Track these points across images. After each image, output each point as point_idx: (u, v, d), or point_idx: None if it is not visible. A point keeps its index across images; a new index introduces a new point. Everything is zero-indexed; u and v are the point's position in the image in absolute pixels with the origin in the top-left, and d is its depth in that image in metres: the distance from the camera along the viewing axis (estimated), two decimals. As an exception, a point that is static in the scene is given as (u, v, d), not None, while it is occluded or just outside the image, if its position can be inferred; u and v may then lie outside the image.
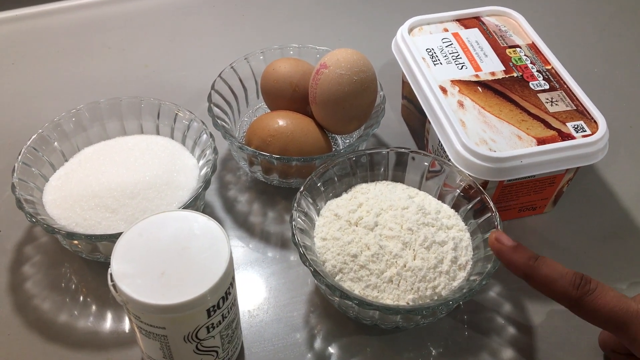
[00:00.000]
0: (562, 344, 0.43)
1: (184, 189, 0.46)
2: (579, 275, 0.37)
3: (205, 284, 0.33)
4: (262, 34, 0.69)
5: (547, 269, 0.37)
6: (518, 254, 0.38)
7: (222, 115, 0.51)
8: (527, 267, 0.37)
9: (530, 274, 0.37)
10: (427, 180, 0.47)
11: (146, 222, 0.36)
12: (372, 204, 0.44)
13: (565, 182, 0.48)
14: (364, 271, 0.40)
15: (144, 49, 0.67)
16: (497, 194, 0.47)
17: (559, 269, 0.37)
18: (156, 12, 0.72)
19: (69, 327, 0.43)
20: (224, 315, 0.35)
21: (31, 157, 0.46)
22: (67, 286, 0.45)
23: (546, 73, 0.51)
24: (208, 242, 0.35)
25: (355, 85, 0.47)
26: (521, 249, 0.38)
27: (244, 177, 0.54)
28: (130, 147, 0.49)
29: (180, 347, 0.35)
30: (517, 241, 0.39)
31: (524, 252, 0.38)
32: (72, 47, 0.67)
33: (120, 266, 0.33)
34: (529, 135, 0.45)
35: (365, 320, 0.42)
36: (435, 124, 0.48)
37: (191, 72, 0.64)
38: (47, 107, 0.59)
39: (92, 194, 0.45)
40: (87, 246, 0.44)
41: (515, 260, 0.38)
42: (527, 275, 0.37)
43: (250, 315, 0.44)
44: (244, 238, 0.49)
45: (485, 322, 0.44)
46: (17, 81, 0.63)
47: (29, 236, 0.48)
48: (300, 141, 0.48)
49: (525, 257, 0.38)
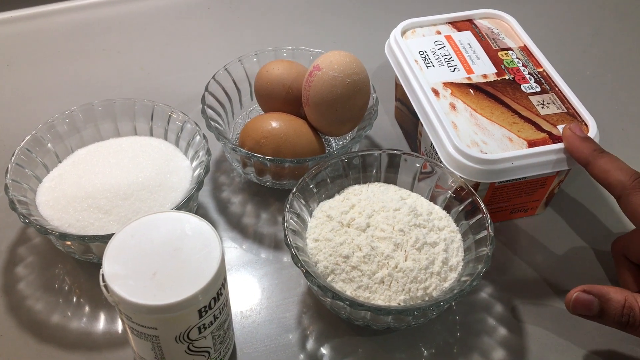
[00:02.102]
0: (553, 345, 0.43)
1: (177, 190, 0.46)
2: (638, 173, 0.40)
3: (197, 284, 0.33)
4: (256, 36, 0.69)
5: (609, 160, 0.41)
6: (586, 144, 0.43)
7: (216, 117, 0.51)
8: (591, 155, 0.42)
9: (592, 162, 0.42)
10: (419, 181, 0.47)
11: (138, 223, 0.36)
12: (364, 205, 0.44)
13: (556, 184, 0.49)
14: (355, 272, 0.41)
15: (139, 51, 0.67)
16: (488, 196, 0.47)
17: (619, 164, 0.41)
18: (151, 14, 0.72)
19: (62, 327, 0.43)
20: (215, 315, 0.36)
21: (24, 159, 0.46)
22: (61, 287, 0.45)
23: (538, 76, 0.51)
24: (200, 243, 0.35)
25: (348, 87, 0.48)
26: (590, 140, 0.43)
27: (238, 178, 0.54)
28: (123, 149, 0.49)
29: (172, 347, 0.35)
30: None
31: (592, 144, 0.43)
32: (67, 49, 0.67)
33: (112, 267, 0.34)
34: (520, 138, 0.46)
35: (357, 321, 0.42)
36: (428, 126, 0.48)
37: (186, 74, 0.64)
38: (41, 109, 0.59)
39: (85, 195, 0.45)
40: (80, 247, 0.44)
41: (582, 147, 0.43)
42: (588, 163, 0.42)
43: (242, 316, 0.44)
44: (237, 239, 0.49)
45: (477, 323, 0.44)
46: (11, 83, 0.63)
47: (22, 237, 0.48)
48: (294, 143, 0.48)
49: (592, 147, 0.42)
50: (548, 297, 0.46)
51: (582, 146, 0.43)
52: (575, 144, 0.43)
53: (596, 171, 0.42)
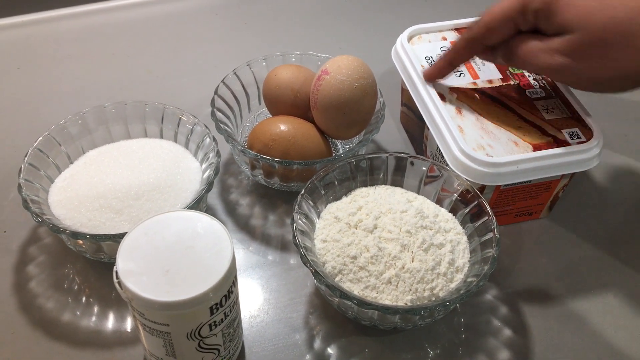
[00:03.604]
0: (557, 346, 0.44)
1: (187, 191, 0.47)
2: None
3: (209, 281, 0.34)
4: (265, 42, 0.70)
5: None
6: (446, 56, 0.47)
7: (225, 120, 0.52)
8: None
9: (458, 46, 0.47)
10: (426, 185, 0.48)
11: (151, 222, 0.36)
12: (372, 207, 0.45)
13: (560, 187, 0.49)
14: (363, 272, 0.41)
15: (148, 56, 0.68)
16: (494, 199, 0.48)
17: None
18: (160, 19, 0.73)
19: (73, 326, 0.44)
20: (226, 313, 0.36)
21: (37, 159, 0.47)
22: (71, 286, 0.46)
23: (542, 81, 0.52)
24: (211, 242, 0.36)
25: (355, 91, 0.49)
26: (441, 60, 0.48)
27: (246, 180, 0.54)
28: (134, 150, 0.50)
29: (183, 344, 0.36)
30: None
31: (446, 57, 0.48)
32: (77, 53, 0.68)
33: (125, 264, 0.34)
34: (525, 142, 0.46)
35: (364, 321, 0.43)
36: (434, 130, 0.49)
37: (194, 78, 0.65)
38: (52, 111, 0.60)
39: (97, 195, 0.46)
40: (91, 246, 0.44)
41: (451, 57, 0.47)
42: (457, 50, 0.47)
43: (251, 315, 0.45)
44: (245, 241, 0.50)
45: (482, 324, 0.45)
46: (23, 85, 0.64)
47: (33, 237, 0.49)
48: (302, 145, 0.49)
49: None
50: (552, 299, 0.46)
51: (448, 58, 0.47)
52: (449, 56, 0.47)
53: None
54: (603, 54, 0.37)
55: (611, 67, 0.37)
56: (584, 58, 0.38)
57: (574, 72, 0.40)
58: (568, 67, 0.39)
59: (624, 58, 0.36)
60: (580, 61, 0.38)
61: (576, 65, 0.38)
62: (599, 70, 0.38)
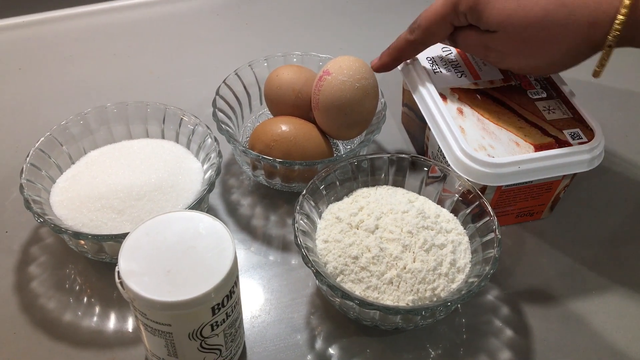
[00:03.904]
0: (558, 346, 0.44)
1: (189, 192, 0.47)
2: None
3: (210, 282, 0.34)
4: (266, 42, 0.70)
5: None
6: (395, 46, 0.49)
7: (226, 120, 0.52)
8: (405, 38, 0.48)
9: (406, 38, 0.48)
10: (427, 185, 0.48)
11: (153, 222, 0.36)
12: (373, 207, 0.45)
13: (562, 188, 0.49)
14: (364, 273, 0.41)
15: (149, 56, 0.68)
16: (495, 199, 0.48)
17: None
18: (162, 20, 0.73)
19: (74, 326, 0.44)
20: (227, 313, 0.36)
21: (39, 159, 0.47)
22: (72, 286, 0.46)
23: (544, 82, 0.52)
24: (213, 242, 0.36)
25: (357, 91, 0.49)
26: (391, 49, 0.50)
27: (247, 181, 0.55)
28: (136, 151, 0.50)
29: (185, 344, 0.36)
30: None
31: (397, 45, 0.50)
32: (78, 53, 0.68)
33: (127, 264, 0.34)
34: (526, 142, 0.46)
35: (365, 322, 0.43)
36: (435, 130, 0.49)
37: (196, 78, 0.65)
38: (53, 112, 0.60)
39: (99, 196, 0.46)
40: (93, 246, 0.44)
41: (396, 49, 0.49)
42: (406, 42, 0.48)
43: (252, 316, 0.45)
44: (246, 241, 0.50)
45: (483, 324, 0.45)
46: (24, 86, 0.64)
47: (34, 237, 0.49)
48: (303, 146, 0.49)
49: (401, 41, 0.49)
50: (553, 300, 0.46)
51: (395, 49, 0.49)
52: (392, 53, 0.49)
53: None
54: (526, 48, 0.41)
55: (536, 58, 0.41)
56: (512, 53, 0.42)
57: (509, 63, 0.45)
58: (502, 59, 0.44)
59: (544, 49, 0.40)
60: (510, 55, 0.42)
61: (508, 58, 0.43)
62: (527, 61, 0.43)
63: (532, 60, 0.43)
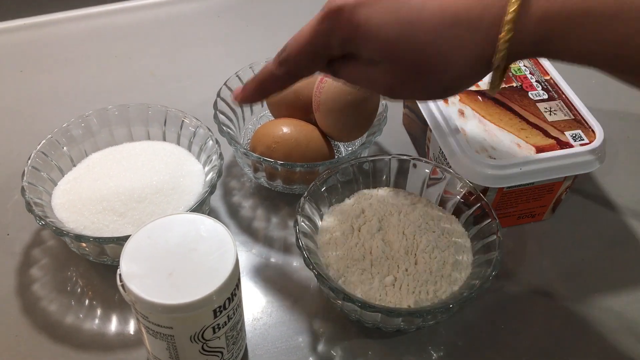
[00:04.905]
0: (561, 347, 0.44)
1: (190, 194, 0.47)
2: None
3: (212, 284, 0.34)
4: (267, 43, 0.70)
5: None
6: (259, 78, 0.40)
7: (228, 122, 0.52)
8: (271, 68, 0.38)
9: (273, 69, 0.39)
10: (429, 187, 0.48)
11: (154, 224, 0.36)
12: (375, 209, 0.45)
13: (563, 189, 0.49)
14: (366, 275, 0.41)
15: (150, 58, 0.68)
16: (496, 201, 0.48)
17: None
18: (162, 21, 0.73)
19: (76, 328, 0.44)
20: (229, 316, 0.36)
21: (40, 162, 0.47)
22: (74, 289, 0.46)
23: (545, 83, 0.52)
24: (215, 244, 0.36)
25: (358, 93, 0.49)
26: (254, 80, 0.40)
27: (248, 183, 0.55)
28: (137, 153, 0.50)
29: (187, 347, 0.36)
30: None
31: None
32: (79, 55, 0.68)
33: (129, 267, 0.34)
34: (528, 144, 0.46)
35: (367, 323, 0.43)
36: (437, 132, 0.49)
37: (197, 80, 0.65)
38: (55, 114, 0.60)
39: (100, 198, 0.46)
40: (94, 249, 0.44)
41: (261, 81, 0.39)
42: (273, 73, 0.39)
43: (254, 318, 0.45)
44: (247, 243, 0.50)
45: (485, 326, 0.45)
46: (25, 88, 0.64)
47: (36, 239, 0.49)
48: (304, 148, 0.49)
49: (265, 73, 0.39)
50: (555, 301, 0.46)
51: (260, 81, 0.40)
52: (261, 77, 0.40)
53: None
54: (416, 76, 0.34)
55: (429, 86, 0.35)
56: (402, 83, 0.35)
57: (401, 95, 0.38)
58: (392, 91, 0.37)
59: (437, 75, 0.34)
60: (400, 86, 0.35)
61: (398, 89, 0.36)
62: (420, 90, 0.36)
63: (426, 89, 0.36)
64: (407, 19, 0.32)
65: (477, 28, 0.31)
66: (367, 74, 0.35)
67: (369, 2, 0.33)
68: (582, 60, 0.31)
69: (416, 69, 0.33)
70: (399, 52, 0.33)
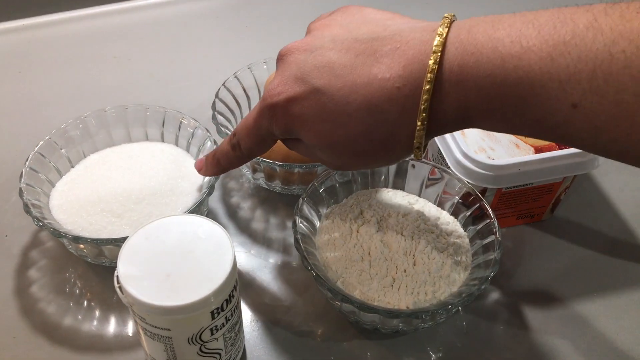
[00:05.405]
0: (560, 348, 0.43)
1: (189, 195, 0.47)
2: None
3: (210, 286, 0.34)
4: (265, 45, 0.70)
5: None
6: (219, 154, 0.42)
7: (226, 123, 0.52)
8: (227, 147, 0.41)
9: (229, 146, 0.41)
10: (427, 187, 0.48)
11: (152, 226, 0.36)
12: (373, 210, 0.45)
13: (562, 190, 0.49)
14: (364, 276, 0.41)
15: (149, 59, 0.68)
16: (495, 201, 0.48)
17: None
18: (161, 22, 0.73)
19: (74, 330, 0.44)
20: (227, 317, 0.36)
21: (38, 163, 0.47)
22: (72, 290, 0.46)
23: (544, 83, 0.51)
24: (212, 246, 0.36)
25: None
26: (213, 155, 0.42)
27: (247, 184, 0.54)
28: (135, 154, 0.50)
29: (185, 349, 0.36)
30: None
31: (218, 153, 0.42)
32: (78, 56, 0.68)
33: (126, 268, 0.34)
34: (526, 144, 0.46)
35: (365, 325, 0.43)
36: (435, 132, 0.48)
37: (195, 81, 0.65)
38: (53, 115, 0.60)
39: (98, 199, 0.46)
40: (92, 250, 0.44)
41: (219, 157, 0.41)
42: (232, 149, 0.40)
43: (252, 319, 0.45)
44: (246, 244, 0.50)
45: (484, 327, 0.45)
46: (23, 89, 0.64)
47: (34, 241, 0.49)
48: (303, 149, 0.49)
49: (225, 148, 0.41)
50: (554, 302, 0.46)
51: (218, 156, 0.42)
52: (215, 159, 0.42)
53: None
54: (357, 159, 0.36)
55: (369, 164, 0.37)
56: (345, 164, 0.37)
57: (347, 169, 0.43)
58: (339, 169, 0.41)
59: (375, 157, 0.36)
60: (345, 165, 0.37)
61: (344, 167, 0.39)
62: (363, 166, 0.42)
63: (371, 165, 0.41)
64: (336, 113, 0.33)
65: (402, 116, 0.32)
66: (315, 155, 0.37)
67: (297, 98, 0.34)
68: (512, 132, 0.32)
69: (355, 154, 0.35)
70: (334, 144, 0.34)
